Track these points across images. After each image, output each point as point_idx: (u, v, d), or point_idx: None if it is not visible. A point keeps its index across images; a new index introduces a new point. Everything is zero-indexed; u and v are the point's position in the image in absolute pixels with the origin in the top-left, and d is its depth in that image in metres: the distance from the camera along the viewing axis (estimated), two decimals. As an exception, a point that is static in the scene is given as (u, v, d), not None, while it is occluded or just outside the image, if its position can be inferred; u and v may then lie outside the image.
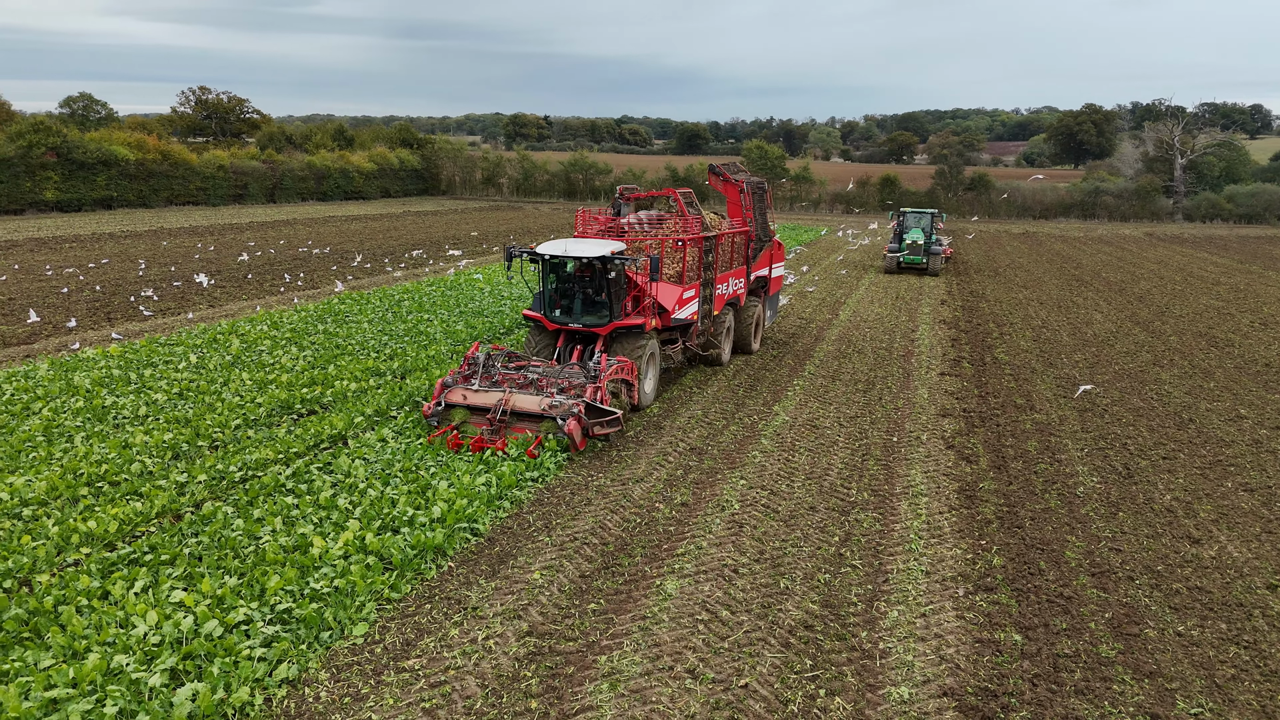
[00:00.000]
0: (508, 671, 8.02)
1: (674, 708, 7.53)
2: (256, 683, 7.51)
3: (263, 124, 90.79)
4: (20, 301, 25.06)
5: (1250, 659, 8.49)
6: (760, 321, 21.94)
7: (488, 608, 9.12)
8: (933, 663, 8.31)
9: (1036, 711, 7.57)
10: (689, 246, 17.55)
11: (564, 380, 14.34)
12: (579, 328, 15.80)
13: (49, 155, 52.63)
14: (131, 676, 7.24)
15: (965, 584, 9.88)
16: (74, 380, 16.26)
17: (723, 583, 9.78)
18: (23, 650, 7.69)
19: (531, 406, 13.62)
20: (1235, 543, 11.15)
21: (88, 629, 7.99)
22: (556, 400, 13.61)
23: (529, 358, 15.50)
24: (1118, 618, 9.20)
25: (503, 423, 13.56)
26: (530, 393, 14.04)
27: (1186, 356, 22.25)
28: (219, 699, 7.12)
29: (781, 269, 23.17)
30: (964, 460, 14.07)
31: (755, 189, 20.58)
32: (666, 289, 16.95)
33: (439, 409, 13.91)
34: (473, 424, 13.69)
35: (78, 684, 7.16)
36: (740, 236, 20.29)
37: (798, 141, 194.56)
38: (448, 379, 14.34)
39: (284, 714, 7.32)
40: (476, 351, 15.12)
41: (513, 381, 14.40)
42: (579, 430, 13.26)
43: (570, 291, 16.13)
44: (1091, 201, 79.52)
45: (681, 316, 17.24)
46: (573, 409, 13.33)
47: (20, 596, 8.61)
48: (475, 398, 13.92)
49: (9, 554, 9.41)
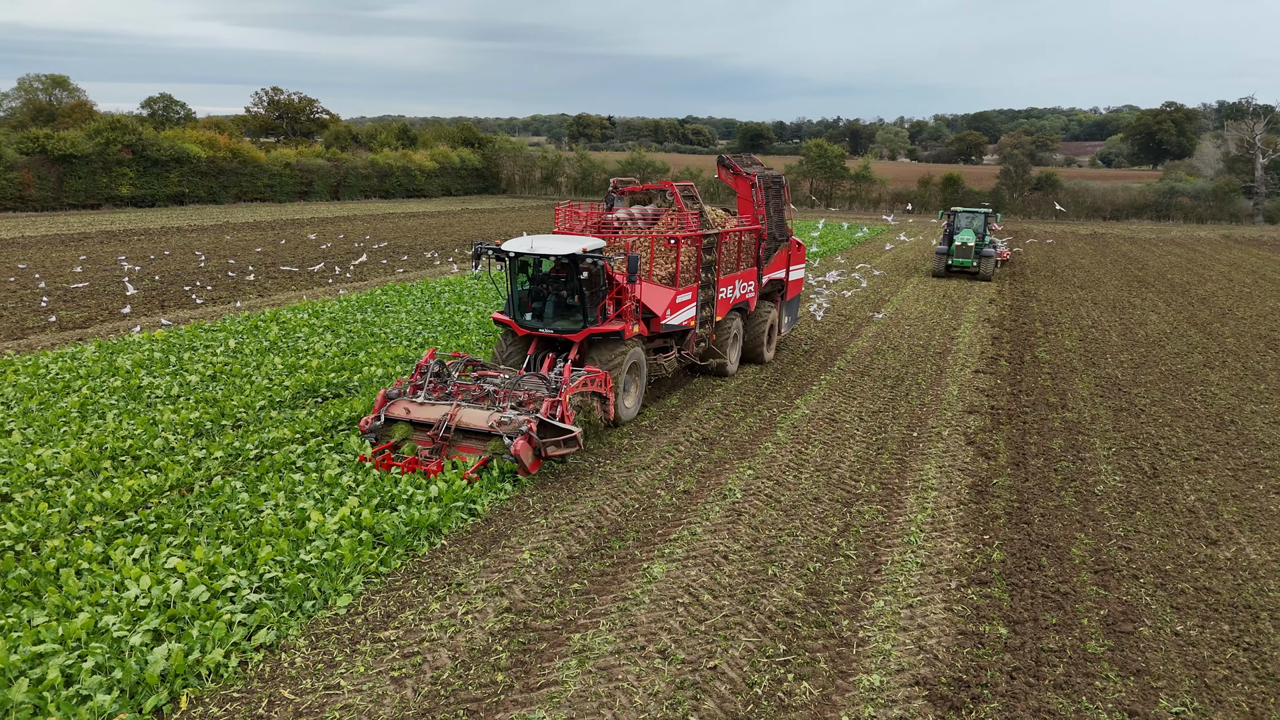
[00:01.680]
0: (480, 645, 8.12)
1: (638, 686, 7.54)
2: (234, 646, 7.73)
3: (331, 123, 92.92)
4: (83, 290, 26.12)
5: (1248, 661, 8.14)
6: (775, 329, 20.04)
7: (472, 584, 9.23)
8: (911, 652, 8.16)
9: (1008, 704, 7.38)
10: (684, 245, 15.92)
11: (524, 393, 12.83)
12: (550, 333, 14.45)
13: (125, 153, 54.70)
14: (114, 635, 7.53)
15: (960, 577, 9.68)
16: (116, 362, 16.91)
17: (710, 568, 9.74)
18: (20, 608, 8.05)
19: (479, 423, 12.06)
20: (1256, 545, 10.70)
21: (83, 590, 8.33)
22: (507, 416, 12.00)
23: (496, 366, 14.35)
24: (1113, 615, 8.91)
25: (446, 441, 12.04)
26: (484, 407, 12.54)
27: (1241, 359, 21.38)
28: (193, 659, 7.35)
29: (802, 271, 21.34)
30: (983, 456, 13.75)
31: (769, 183, 18.95)
32: (656, 292, 15.45)
33: (378, 424, 12.41)
34: (416, 442, 12.23)
35: (65, 640, 7.46)
36: (749, 235, 18.48)
37: (864, 141, 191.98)
38: (392, 390, 12.88)
39: (257, 676, 7.52)
40: (431, 359, 13.43)
41: (469, 394, 12.92)
42: (529, 451, 11.68)
43: (542, 294, 14.75)
44: (1166, 202, 76.93)
45: (675, 322, 15.78)
46: (522, 426, 11.77)
47: (26, 559, 9.01)
48: (419, 412, 12.42)
49: (25, 519, 9.85)
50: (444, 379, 13.27)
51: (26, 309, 22.89)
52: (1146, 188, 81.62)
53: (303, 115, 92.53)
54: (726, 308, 17.70)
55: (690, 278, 16.22)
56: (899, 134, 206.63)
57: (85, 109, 73.53)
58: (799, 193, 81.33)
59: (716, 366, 17.98)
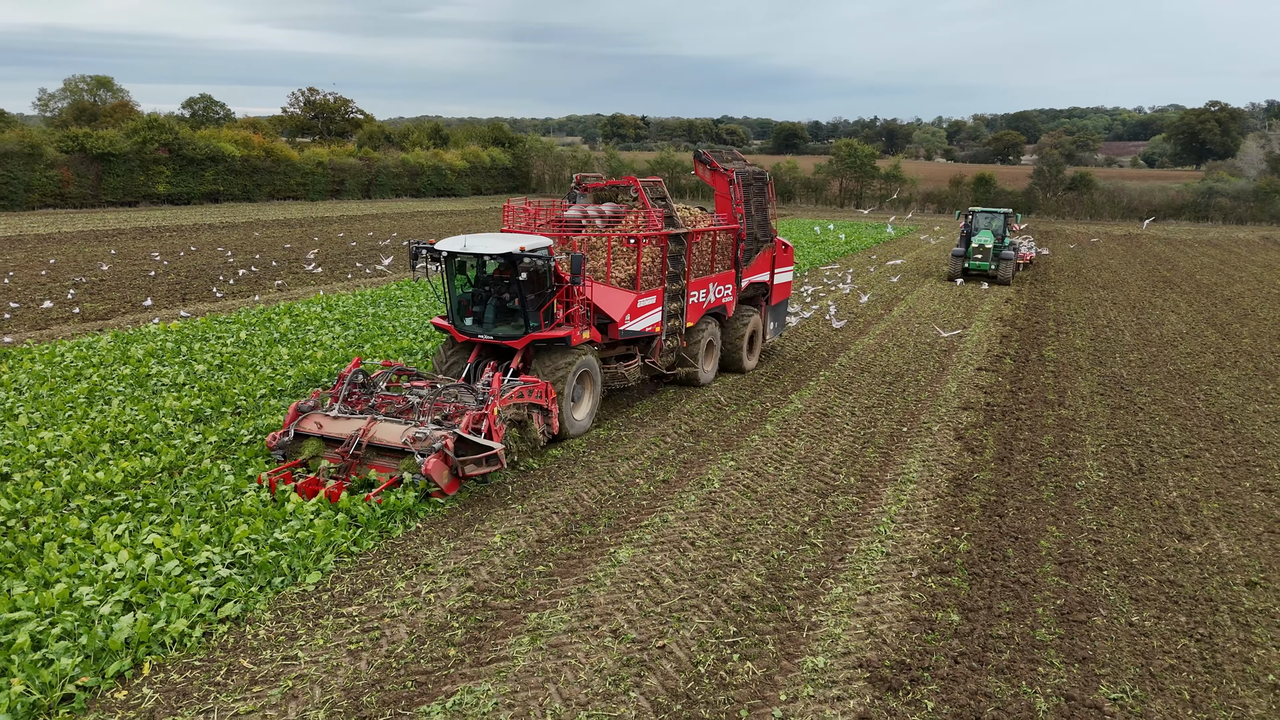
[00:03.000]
0: (439, 622, 8.37)
1: (586, 662, 7.74)
2: (200, 617, 8.05)
3: (365, 123, 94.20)
4: (109, 283, 26.86)
5: (1198, 652, 8.15)
6: (758, 336, 18.85)
7: (440, 565, 9.48)
8: (860, 636, 8.27)
9: (946, 686, 7.47)
10: (646, 245, 15.00)
11: (452, 405, 11.93)
12: (489, 340, 13.54)
13: (161, 151, 55.93)
14: (86, 605, 7.88)
15: (922, 566, 9.75)
16: (129, 351, 17.44)
17: (675, 554, 9.91)
18: (1, 579, 8.44)
19: (392, 439, 11.15)
20: (1230, 541, 10.64)
21: (63, 563, 8.70)
22: (423, 432, 11.00)
23: (433, 376, 13.48)
24: (1069, 605, 8.94)
25: (356, 459, 11.15)
26: (405, 421, 11.59)
27: (1254, 359, 21.07)
28: (157, 628, 7.68)
29: (789, 274, 20.01)
30: (969, 451, 13.76)
31: (750, 180, 17.78)
32: (613, 295, 14.41)
33: (286, 440, 11.46)
34: (326, 459, 11.27)
35: (39, 609, 7.82)
36: (726, 235, 17.32)
37: (900, 141, 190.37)
38: (305, 403, 11.87)
39: (220, 646, 7.83)
40: (358, 367, 12.61)
41: (393, 406, 12.06)
42: (444, 470, 10.75)
43: (484, 297, 13.82)
44: (1205, 203, 75.50)
45: (636, 328, 14.79)
46: (437, 443, 10.79)
47: (14, 533, 9.42)
48: (332, 426, 11.49)
49: (19, 497, 10.27)
50: (369, 390, 12.46)
51: (53, 300, 23.60)
52: (1185, 188, 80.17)
53: (338, 115, 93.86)
54: (699, 313, 16.59)
55: (655, 280, 15.32)
56: (936, 134, 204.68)
57: (126, 109, 75.21)
58: (828, 192, 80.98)
59: (686, 376, 16.84)
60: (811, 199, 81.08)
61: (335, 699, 7.14)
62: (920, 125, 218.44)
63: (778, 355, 20.32)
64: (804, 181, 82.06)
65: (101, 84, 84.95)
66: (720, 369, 18.16)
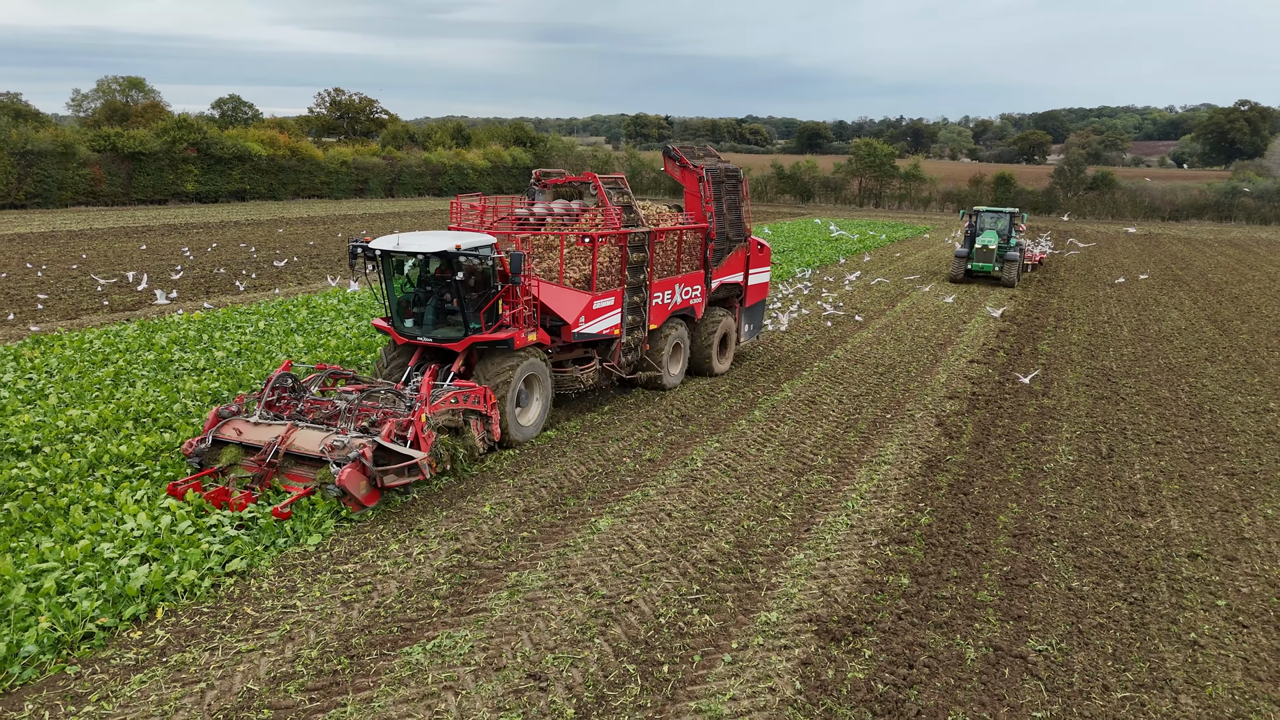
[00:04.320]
0: (426, 578, 9.12)
1: (558, 614, 8.45)
2: (209, 570, 8.85)
3: (389, 123, 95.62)
4: (138, 275, 27.93)
5: (1129, 613, 8.74)
6: (731, 338, 18.31)
7: (432, 531, 10.24)
8: (814, 596, 8.93)
9: (885, 638, 8.12)
10: (603, 244, 14.48)
11: (380, 411, 11.39)
12: (429, 342, 13.07)
13: (190, 150, 57.31)
14: (105, 557, 8.70)
15: (882, 537, 10.38)
16: (154, 339, 18.39)
17: (652, 523, 10.60)
18: (31, 535, 9.30)
19: (310, 447, 10.71)
20: (1182, 518, 11.18)
21: (86, 523, 9.54)
22: (341, 440, 10.55)
23: (372, 380, 12.98)
24: (1015, 572, 9.55)
25: (273, 467, 10.72)
26: (328, 428, 11.19)
27: (1247, 354, 21.43)
28: (170, 578, 8.49)
29: (766, 275, 19.43)
30: (947, 436, 14.34)
31: (720, 177, 17.23)
32: (567, 296, 13.97)
33: (203, 447, 10.97)
34: (244, 467, 10.88)
35: (64, 561, 8.66)
36: (694, 234, 16.80)
37: (926, 141, 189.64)
38: (227, 408, 11.49)
39: (227, 596, 8.62)
40: (287, 370, 12.18)
41: (321, 412, 11.58)
42: (361, 481, 10.25)
43: (425, 298, 13.38)
44: (1228, 203, 75.03)
45: (591, 331, 14.33)
46: (353, 452, 10.30)
47: (43, 497, 10.29)
48: (251, 433, 11.05)
49: (48, 467, 11.15)
50: (299, 395, 12.02)
51: (83, 293, 24.66)
52: (1208, 188, 79.65)
53: (363, 115, 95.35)
54: (664, 314, 16.09)
55: (613, 281, 14.81)
56: (962, 133, 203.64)
57: (157, 109, 76.88)
58: (847, 191, 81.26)
59: (649, 380, 16.41)
60: (831, 198, 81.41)
61: (328, 640, 7.90)
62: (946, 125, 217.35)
63: (774, 347, 20.94)
64: (823, 181, 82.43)
65: (133, 85, 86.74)
66: (690, 372, 17.74)
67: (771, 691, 7.28)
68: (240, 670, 7.40)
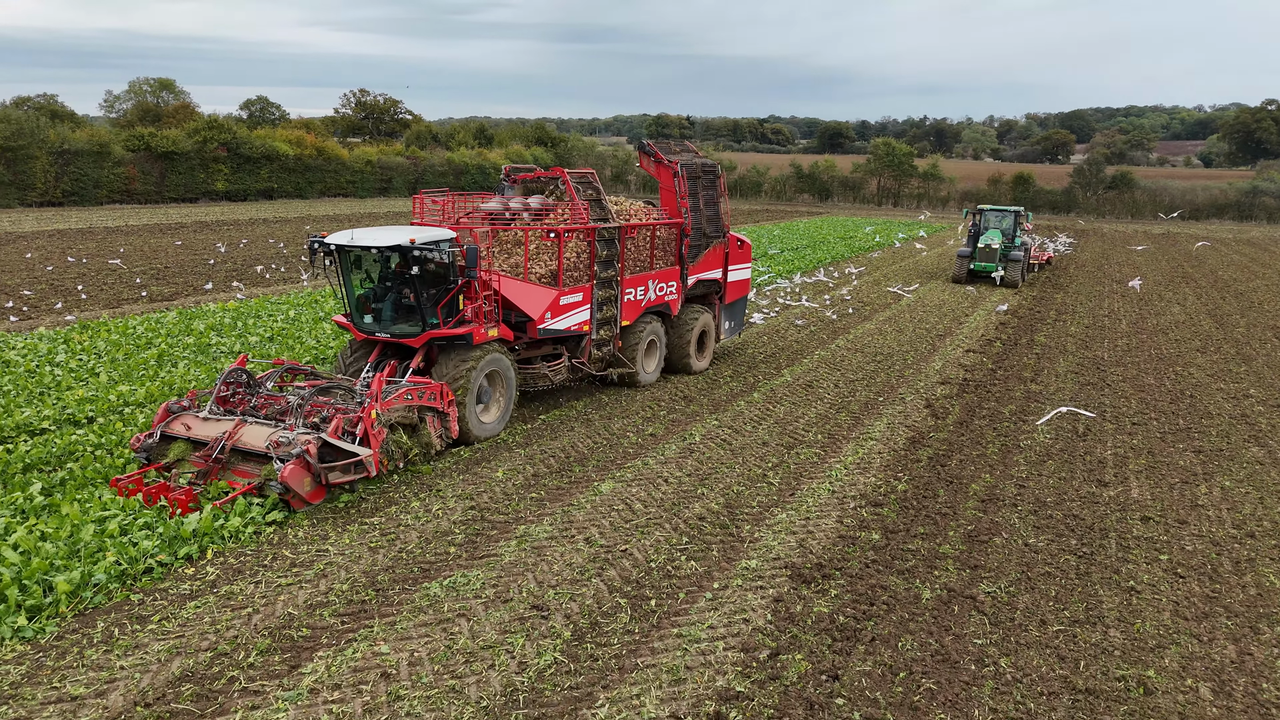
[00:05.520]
0: (443, 530, 10.17)
1: (560, 560, 9.47)
2: (251, 519, 9.94)
3: (413, 123, 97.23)
4: (174, 269, 29.29)
5: (1075, 564, 9.64)
6: (710, 335, 18.19)
7: (450, 491, 11.30)
8: (791, 548, 9.89)
9: (851, 582, 9.08)
10: (569, 239, 14.49)
11: (330, 407, 11.28)
12: (387, 338, 13.04)
13: (220, 150, 58.95)
14: (159, 505, 9.82)
15: (860, 500, 11.32)
16: (192, 325, 19.62)
17: (650, 487, 11.60)
18: (94, 489, 10.44)
19: (257, 443, 10.66)
20: (1143, 488, 12.05)
21: (142, 478, 10.67)
22: (287, 436, 10.48)
23: (332, 376, 12.85)
24: (978, 530, 10.47)
25: (220, 463, 10.69)
26: (278, 424, 11.12)
27: (1239, 346, 22.12)
28: (219, 524, 9.59)
29: (746, 272, 19.30)
30: (934, 416, 15.23)
31: (696, 173, 16.96)
32: (531, 292, 13.90)
33: (151, 442, 10.95)
34: (192, 462, 10.78)
35: (124, 509, 9.78)
36: (669, 230, 16.81)
37: (949, 141, 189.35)
38: (178, 403, 11.42)
39: (267, 542, 9.70)
40: (242, 366, 12.10)
41: (274, 408, 11.55)
42: (304, 477, 10.16)
43: (384, 293, 13.33)
44: (1249, 202, 74.96)
45: (559, 327, 14.28)
46: (298, 448, 10.19)
47: (101, 458, 11.45)
48: (200, 428, 11.02)
49: (104, 434, 12.32)
50: (254, 390, 12.01)
51: (122, 284, 26.00)
52: (1229, 187, 79.59)
53: (387, 116, 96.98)
54: (636, 311, 16.04)
55: (581, 276, 14.77)
56: (986, 133, 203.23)
57: (188, 110, 78.78)
58: (865, 190, 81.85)
59: (621, 377, 16.36)
60: (849, 197, 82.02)
61: (356, 577, 8.96)
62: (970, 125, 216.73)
63: (778, 337, 21.86)
64: (841, 180, 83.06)
65: (164, 86, 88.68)
66: (667, 369, 17.61)
67: (745, 622, 8.26)
68: (281, 599, 8.48)
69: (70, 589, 8.15)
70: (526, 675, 7.37)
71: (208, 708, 6.82)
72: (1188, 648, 8.07)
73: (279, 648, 7.67)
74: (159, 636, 7.75)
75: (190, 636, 7.76)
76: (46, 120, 53.78)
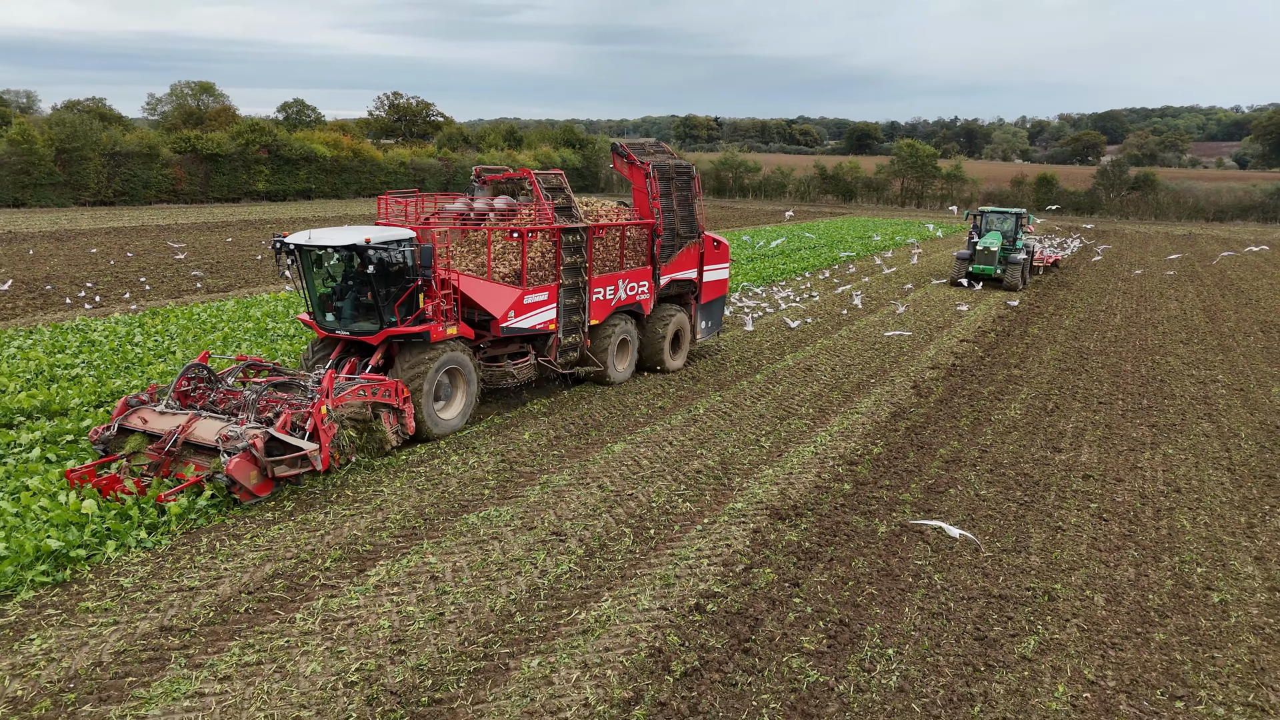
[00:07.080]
0: (478, 477, 12.01)
1: (576, 500, 11.27)
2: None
3: (445, 125, 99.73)
4: (226, 265, 31.48)
5: (1015, 509, 11.29)
6: (685, 335, 18.45)
7: (484, 449, 13.13)
8: (773, 494, 11.62)
9: (821, 519, 10.79)
10: (534, 239, 14.75)
11: (282, 403, 11.62)
12: (347, 335, 13.38)
13: (262, 152, 61.51)
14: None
15: (838, 459, 13.02)
16: (249, 312, 21.66)
17: (655, 448, 13.37)
18: (185, 440, 12.38)
19: (208, 437, 10.98)
20: (1094, 453, 13.63)
21: (225, 433, 12.59)
22: (235, 430, 10.78)
23: (294, 372, 13.27)
24: (938, 484, 12.13)
25: (171, 456, 10.98)
26: (231, 418, 11.45)
27: (1222, 339, 23.46)
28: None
29: (724, 272, 19.43)
30: (918, 395, 16.86)
31: (669, 174, 17.19)
32: (495, 291, 14.14)
33: (108, 435, 11.37)
34: (147, 455, 11.06)
35: (213, 456, 11.70)
36: (639, 230, 17.10)
37: (979, 142, 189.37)
38: (137, 396, 11.86)
39: (331, 484, 11.58)
40: (203, 362, 12.45)
41: (232, 403, 11.89)
42: (250, 471, 10.51)
43: (343, 292, 13.66)
44: (1274, 204, 75.24)
45: (523, 325, 14.49)
46: (244, 442, 10.54)
47: (189, 417, 13.41)
48: (156, 422, 11.38)
49: (187, 399, 14.29)
50: (214, 385, 12.42)
51: (180, 277, 28.18)
52: (1253, 188, 79.84)
53: (419, 118, 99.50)
54: (606, 310, 16.33)
55: (547, 276, 15.05)
56: (1017, 134, 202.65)
57: (229, 113, 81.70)
58: (889, 191, 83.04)
59: (589, 374, 16.68)
60: (873, 198, 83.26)
61: (406, 510, 10.82)
62: (1001, 125, 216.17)
63: (783, 326, 23.52)
64: (865, 181, 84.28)
65: (204, 89, 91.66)
66: (640, 368, 17.94)
67: (727, 546, 10.02)
68: (347, 525, 10.35)
69: (180, 511, 10.07)
70: (547, 579, 9.17)
71: (297, 596, 8.68)
72: (1094, 570, 9.70)
73: (348, 557, 9.54)
74: (252, 549, 9.64)
75: (277, 549, 9.65)
76: (98, 123, 56.55)
